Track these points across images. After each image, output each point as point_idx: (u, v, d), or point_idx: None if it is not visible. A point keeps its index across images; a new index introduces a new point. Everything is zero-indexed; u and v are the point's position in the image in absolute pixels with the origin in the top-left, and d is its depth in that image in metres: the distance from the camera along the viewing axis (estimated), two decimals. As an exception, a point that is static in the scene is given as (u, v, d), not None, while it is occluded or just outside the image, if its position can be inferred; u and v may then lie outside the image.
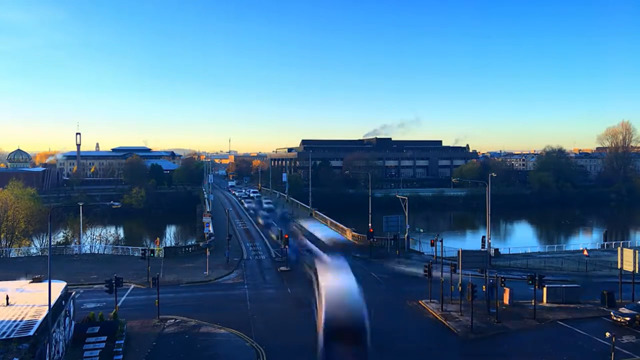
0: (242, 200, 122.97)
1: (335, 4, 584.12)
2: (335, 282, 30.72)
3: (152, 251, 52.11)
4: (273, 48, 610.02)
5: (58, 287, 29.96)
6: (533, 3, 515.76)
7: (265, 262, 58.99)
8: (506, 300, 40.90)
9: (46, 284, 26.40)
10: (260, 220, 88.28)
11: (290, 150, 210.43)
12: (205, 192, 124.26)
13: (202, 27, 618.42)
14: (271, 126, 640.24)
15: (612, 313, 36.90)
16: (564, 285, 43.61)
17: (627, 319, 35.50)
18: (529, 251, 67.48)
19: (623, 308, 36.98)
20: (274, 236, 73.99)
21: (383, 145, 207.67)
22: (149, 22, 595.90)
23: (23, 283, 33.95)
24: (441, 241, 45.99)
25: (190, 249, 65.39)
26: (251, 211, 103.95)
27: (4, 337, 22.57)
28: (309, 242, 55.30)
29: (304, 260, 51.21)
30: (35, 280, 33.77)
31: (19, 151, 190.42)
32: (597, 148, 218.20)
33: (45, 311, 25.40)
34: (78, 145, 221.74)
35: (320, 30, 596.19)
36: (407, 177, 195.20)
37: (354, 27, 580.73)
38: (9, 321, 24.55)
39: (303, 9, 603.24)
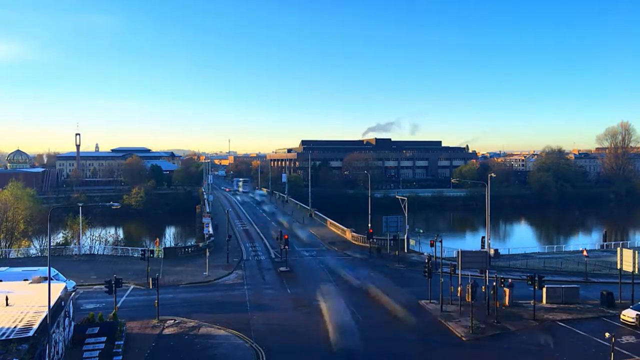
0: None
1: (336, 6, 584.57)
2: None
3: (152, 252, 52.07)
4: (272, 48, 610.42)
5: (57, 287, 29.92)
6: (533, 3, 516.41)
7: (265, 263, 59.00)
8: (506, 301, 40.93)
9: (45, 284, 26.37)
10: None
11: (289, 150, 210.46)
12: (205, 193, 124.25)
13: (202, 27, 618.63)
14: (271, 127, 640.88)
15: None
16: (563, 286, 43.58)
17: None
18: (529, 251, 67.48)
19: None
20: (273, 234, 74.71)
21: (382, 146, 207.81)
22: (148, 22, 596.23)
23: (22, 284, 33.93)
24: (441, 241, 45.86)
25: (189, 249, 65.37)
26: None
27: (3, 337, 22.52)
28: None
29: None
30: (34, 281, 33.74)
31: (18, 152, 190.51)
32: (596, 148, 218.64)
33: (44, 312, 25.38)
34: (77, 146, 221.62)
35: (320, 30, 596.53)
36: (407, 178, 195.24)
37: (354, 27, 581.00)
38: (8, 322, 24.53)
39: (303, 8, 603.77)
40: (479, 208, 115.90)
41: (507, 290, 41.02)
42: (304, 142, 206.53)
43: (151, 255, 49.64)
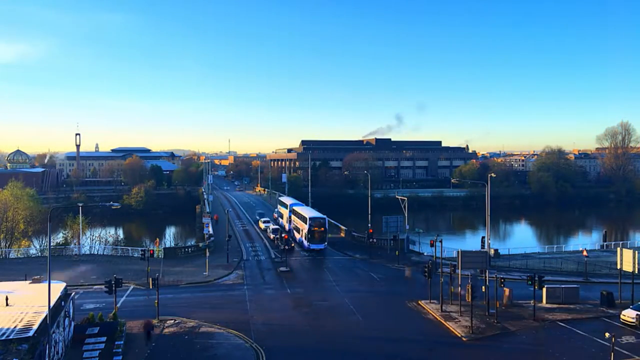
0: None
1: (336, 5, 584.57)
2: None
3: (152, 252, 52.04)
4: (272, 48, 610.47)
5: (57, 287, 29.95)
6: (532, 3, 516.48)
7: (265, 263, 59.00)
8: (506, 301, 40.94)
9: (45, 284, 26.38)
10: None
11: (289, 150, 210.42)
12: (205, 193, 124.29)
13: (202, 27, 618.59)
14: (271, 127, 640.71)
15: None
16: (563, 286, 43.60)
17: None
18: (529, 251, 67.46)
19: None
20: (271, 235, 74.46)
21: (382, 146, 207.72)
22: (148, 22, 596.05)
23: (23, 284, 33.94)
24: (441, 241, 45.88)
25: (189, 249, 65.37)
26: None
27: (3, 337, 22.54)
28: None
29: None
30: (34, 281, 33.76)
31: (18, 152, 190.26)
32: (596, 148, 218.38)
33: (44, 312, 25.38)
34: (77, 146, 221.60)
35: (320, 30, 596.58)
36: (407, 178, 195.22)
37: (354, 27, 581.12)
38: (8, 322, 24.53)
39: (303, 7, 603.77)
40: (479, 208, 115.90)
41: (507, 290, 41.04)
42: (304, 142, 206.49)
43: (151, 255, 49.61)
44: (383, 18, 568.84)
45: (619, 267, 41.95)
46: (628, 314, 36.07)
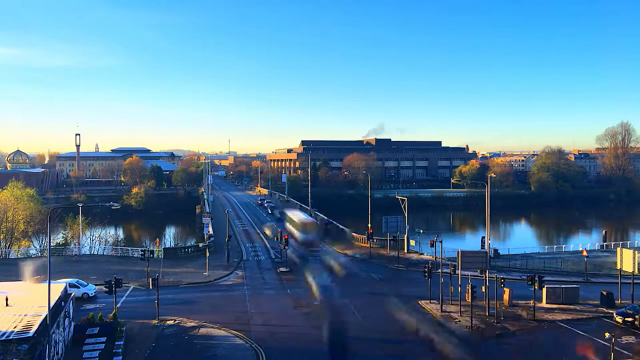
0: None
1: (336, 5, 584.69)
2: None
3: (152, 252, 52.11)
4: (272, 48, 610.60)
5: (57, 288, 29.97)
6: (532, 3, 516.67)
7: (265, 263, 59.02)
8: (506, 301, 40.94)
9: (45, 284, 26.38)
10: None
11: (289, 151, 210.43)
12: (205, 193, 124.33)
13: (202, 27, 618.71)
14: (271, 127, 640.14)
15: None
16: (563, 286, 43.60)
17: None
18: (529, 252, 67.43)
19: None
20: (268, 232, 74.65)
21: (382, 146, 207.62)
22: (147, 21, 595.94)
23: (23, 284, 33.94)
24: (441, 242, 45.92)
25: (189, 249, 65.39)
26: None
27: (3, 337, 22.55)
28: None
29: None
30: (35, 281, 33.75)
31: (18, 152, 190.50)
32: (596, 148, 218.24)
33: (44, 312, 25.39)
34: (77, 146, 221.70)
35: (320, 30, 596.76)
36: (407, 178, 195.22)
37: (354, 27, 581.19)
38: (8, 322, 24.54)
39: (303, 7, 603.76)
40: (479, 208, 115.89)
41: (507, 290, 41.06)
42: (304, 142, 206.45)
43: (151, 255, 49.63)
44: (383, 17, 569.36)
45: (618, 267, 41.96)
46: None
